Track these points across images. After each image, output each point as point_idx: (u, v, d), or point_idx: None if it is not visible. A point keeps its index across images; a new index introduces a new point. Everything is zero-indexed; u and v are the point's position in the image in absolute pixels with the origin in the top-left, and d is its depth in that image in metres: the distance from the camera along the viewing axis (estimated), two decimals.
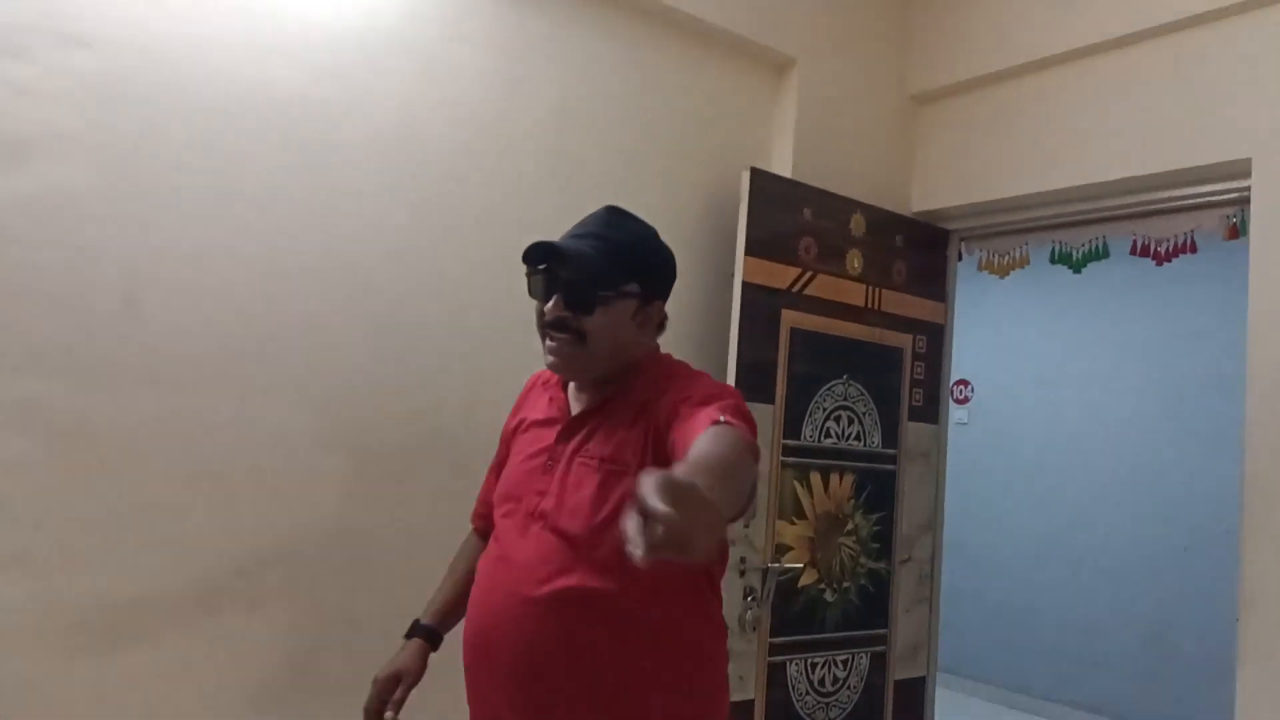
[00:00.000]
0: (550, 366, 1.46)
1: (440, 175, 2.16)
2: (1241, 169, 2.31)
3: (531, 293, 1.44)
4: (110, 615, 1.74)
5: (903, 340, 2.87)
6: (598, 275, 1.39)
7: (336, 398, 2.01)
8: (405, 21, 2.12)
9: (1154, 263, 2.64)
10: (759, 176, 2.52)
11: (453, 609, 1.59)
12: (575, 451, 1.42)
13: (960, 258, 3.08)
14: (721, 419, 1.17)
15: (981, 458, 5.36)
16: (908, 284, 2.88)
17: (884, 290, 2.81)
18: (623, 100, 2.46)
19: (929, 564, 2.91)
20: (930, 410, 2.95)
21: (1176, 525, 4.67)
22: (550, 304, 1.40)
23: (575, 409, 1.48)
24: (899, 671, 2.83)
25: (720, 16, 2.55)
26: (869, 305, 2.77)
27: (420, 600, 1.66)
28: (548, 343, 1.42)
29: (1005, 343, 5.45)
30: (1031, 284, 4.90)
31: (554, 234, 2.25)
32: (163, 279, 1.81)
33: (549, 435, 1.47)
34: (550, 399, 1.53)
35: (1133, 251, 2.68)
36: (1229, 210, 2.46)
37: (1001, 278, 3.04)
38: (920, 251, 2.93)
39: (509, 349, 2.21)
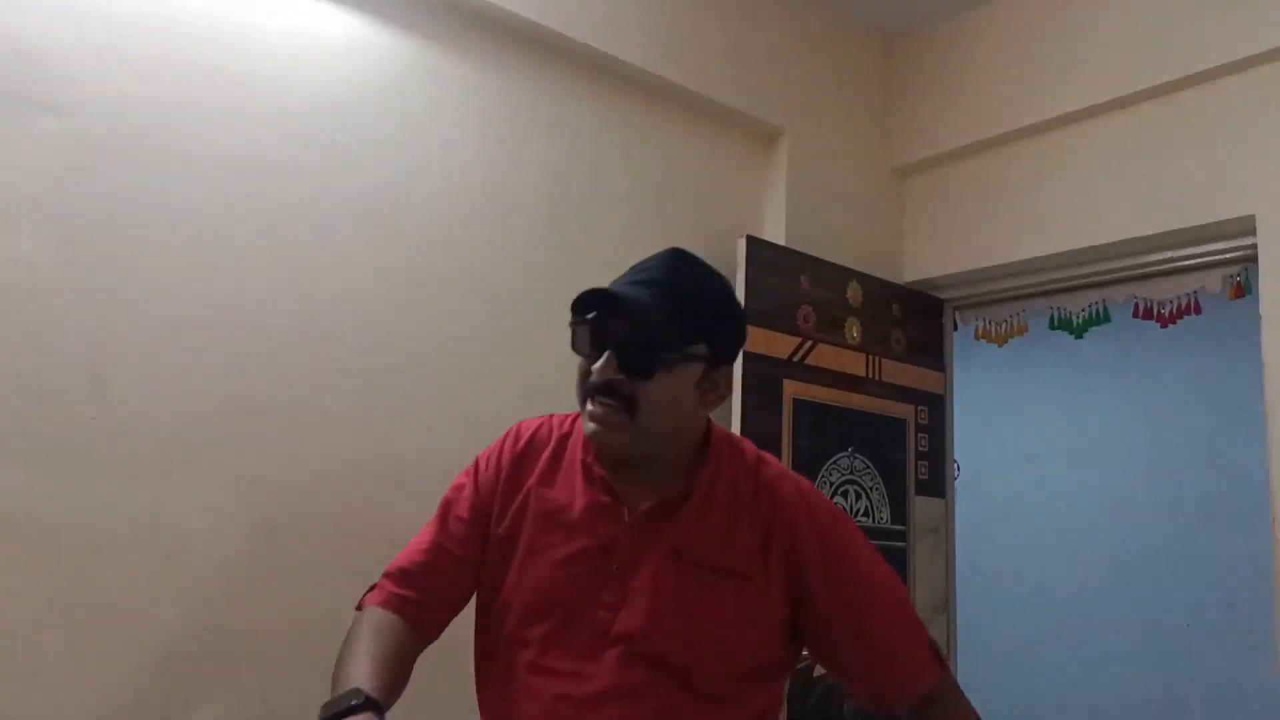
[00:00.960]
0: (591, 435, 1.18)
1: (427, 246, 2.06)
2: (1246, 226, 2.28)
3: (576, 347, 1.19)
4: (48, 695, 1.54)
5: (905, 411, 2.77)
6: (662, 332, 1.14)
7: (316, 483, 1.85)
8: (391, 90, 2.04)
9: (1158, 325, 2.57)
10: (755, 245, 2.45)
11: (393, 691, 1.12)
12: (668, 555, 1.15)
13: (956, 327, 3.02)
14: (939, 680, 1.18)
15: (971, 541, 5.23)
16: (907, 354, 2.81)
17: (884, 360, 2.73)
18: (614, 169, 2.39)
19: (944, 647, 2.76)
20: (936, 484, 2.84)
21: (1175, 603, 4.55)
22: (600, 363, 1.14)
23: (632, 493, 1.19)
24: None
25: (708, 87, 2.52)
26: (870, 375, 2.68)
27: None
28: (590, 408, 1.16)
29: (990, 419, 5.39)
30: (1014, 359, 4.87)
31: (545, 305, 2.19)
32: (130, 357, 1.67)
33: (602, 527, 1.17)
34: (582, 476, 1.22)
35: (1135, 314, 2.62)
36: (1233, 269, 2.42)
37: (1000, 345, 2.97)
38: (916, 320, 2.86)
39: (498, 428, 2.07)
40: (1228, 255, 2.38)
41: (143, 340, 1.68)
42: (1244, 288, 2.41)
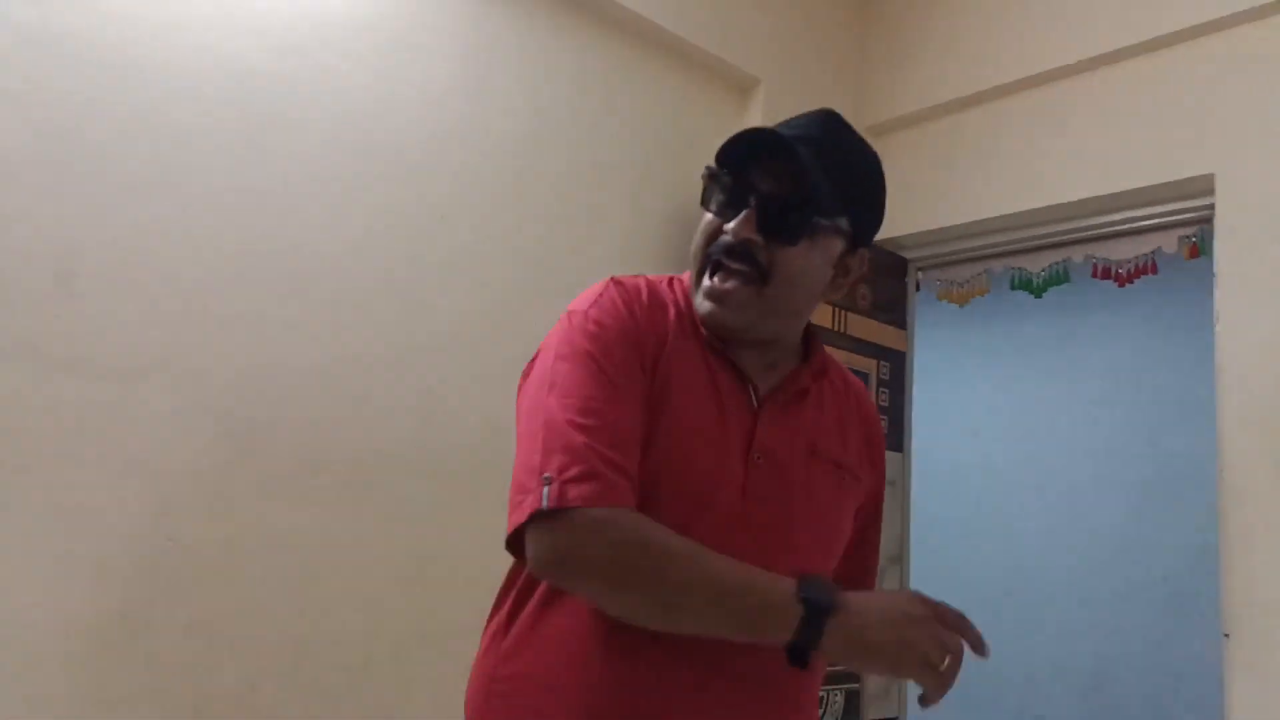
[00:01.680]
0: (705, 318, 1.06)
1: (404, 166, 2.03)
2: (1205, 186, 2.35)
3: (707, 200, 1.06)
4: (23, 635, 1.49)
5: (868, 365, 2.82)
6: (814, 194, 1.02)
7: (285, 395, 1.82)
8: (374, 6, 2.00)
9: (1116, 285, 2.65)
10: None
11: None
12: (806, 450, 1.07)
13: (918, 288, 3.07)
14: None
15: (916, 512, 5.33)
16: (872, 310, 2.85)
17: (849, 314, 2.77)
18: (592, 110, 2.38)
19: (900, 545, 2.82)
20: (895, 438, 2.89)
21: (1110, 575, 4.70)
22: (738, 221, 1.02)
23: (753, 375, 1.08)
24: (872, 711, 2.70)
25: (689, 31, 2.52)
26: (836, 328, 2.72)
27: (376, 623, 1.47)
28: (713, 278, 1.04)
29: (937, 397, 5.49)
30: (966, 339, 4.97)
31: (517, 233, 2.18)
32: (99, 256, 1.62)
33: (736, 410, 1.05)
34: (706, 350, 1.07)
35: (1093, 274, 2.70)
36: (1189, 230, 2.50)
37: (961, 306, 3.02)
38: (882, 278, 2.91)
39: (467, 352, 2.07)
40: (1185, 215, 2.46)
41: (113, 241, 1.63)
42: (1199, 248, 2.49)
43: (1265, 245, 2.19)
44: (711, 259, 1.05)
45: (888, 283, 2.93)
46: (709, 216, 1.07)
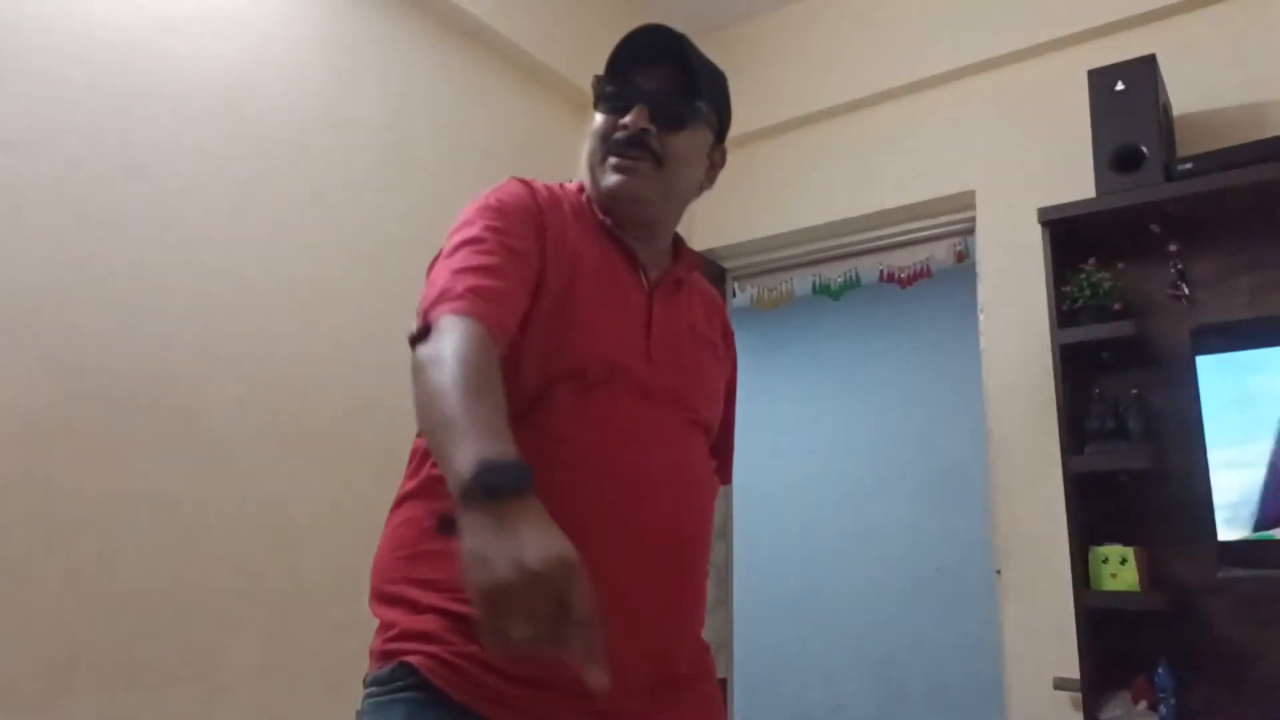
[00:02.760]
0: (614, 190, 1.18)
1: (274, 145, 2.13)
2: (967, 201, 2.83)
3: (601, 103, 1.21)
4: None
5: None
6: (696, 85, 1.19)
7: (154, 353, 1.86)
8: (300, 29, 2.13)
9: (899, 287, 3.09)
10: None
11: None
12: (687, 329, 1.24)
13: (734, 295, 3.42)
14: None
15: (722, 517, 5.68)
16: None
17: None
18: (450, 112, 2.56)
19: (725, 569, 3.09)
20: None
21: (896, 572, 5.22)
22: (633, 114, 1.16)
23: (644, 261, 1.22)
24: None
25: (540, 50, 2.76)
26: None
27: (348, 602, 1.54)
28: (615, 160, 1.18)
29: (744, 423, 5.90)
30: (770, 350, 5.40)
31: (389, 225, 2.32)
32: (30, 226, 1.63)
33: (632, 290, 1.19)
34: (604, 237, 1.20)
35: (880, 279, 3.13)
36: (956, 240, 2.98)
37: (772, 309, 3.39)
38: None
39: (331, 322, 2.17)
40: (953, 227, 2.94)
41: None
42: (963, 254, 2.97)
43: (1015, 248, 2.66)
44: (610, 152, 1.19)
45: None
46: (601, 118, 1.21)
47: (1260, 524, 2.03)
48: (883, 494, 5.27)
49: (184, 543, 1.84)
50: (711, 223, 3.34)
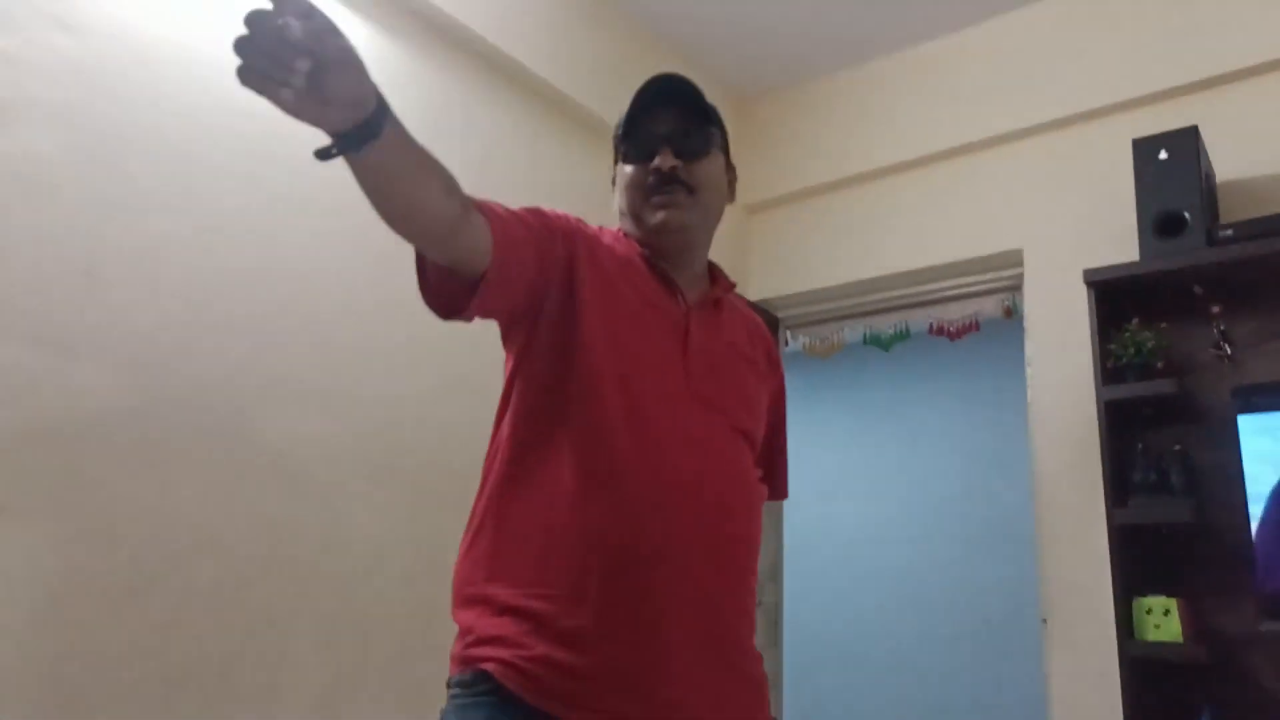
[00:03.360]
0: (662, 225, 1.32)
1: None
2: (1015, 259, 2.95)
3: (628, 156, 1.36)
4: (45, 585, 1.64)
5: None
6: (706, 114, 1.36)
7: (257, 402, 2.04)
8: None
9: (949, 340, 3.20)
10: None
11: (421, 162, 1.06)
12: (727, 344, 1.36)
13: (787, 343, 3.55)
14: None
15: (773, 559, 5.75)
16: None
17: None
18: (493, 164, 2.72)
19: (776, 610, 3.19)
20: None
21: (943, 618, 5.24)
22: (660, 157, 1.31)
23: (682, 287, 1.34)
24: None
25: (594, 103, 2.92)
26: None
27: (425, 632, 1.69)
28: (656, 199, 1.32)
29: (798, 458, 5.98)
30: (821, 397, 5.50)
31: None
32: (121, 258, 1.83)
33: (671, 312, 1.31)
34: (645, 268, 1.33)
35: (930, 332, 3.25)
36: (1004, 295, 3.09)
37: (825, 358, 3.52)
38: None
39: (423, 371, 2.34)
40: (1001, 283, 3.05)
41: (131, 244, 1.84)
42: (1011, 310, 3.07)
43: (1062, 305, 2.77)
44: (650, 194, 1.32)
45: None
46: (630, 169, 1.35)
47: None
48: (931, 541, 5.31)
49: (286, 568, 2.01)
50: (766, 274, 3.49)
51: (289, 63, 0.87)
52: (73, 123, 1.79)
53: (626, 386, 1.22)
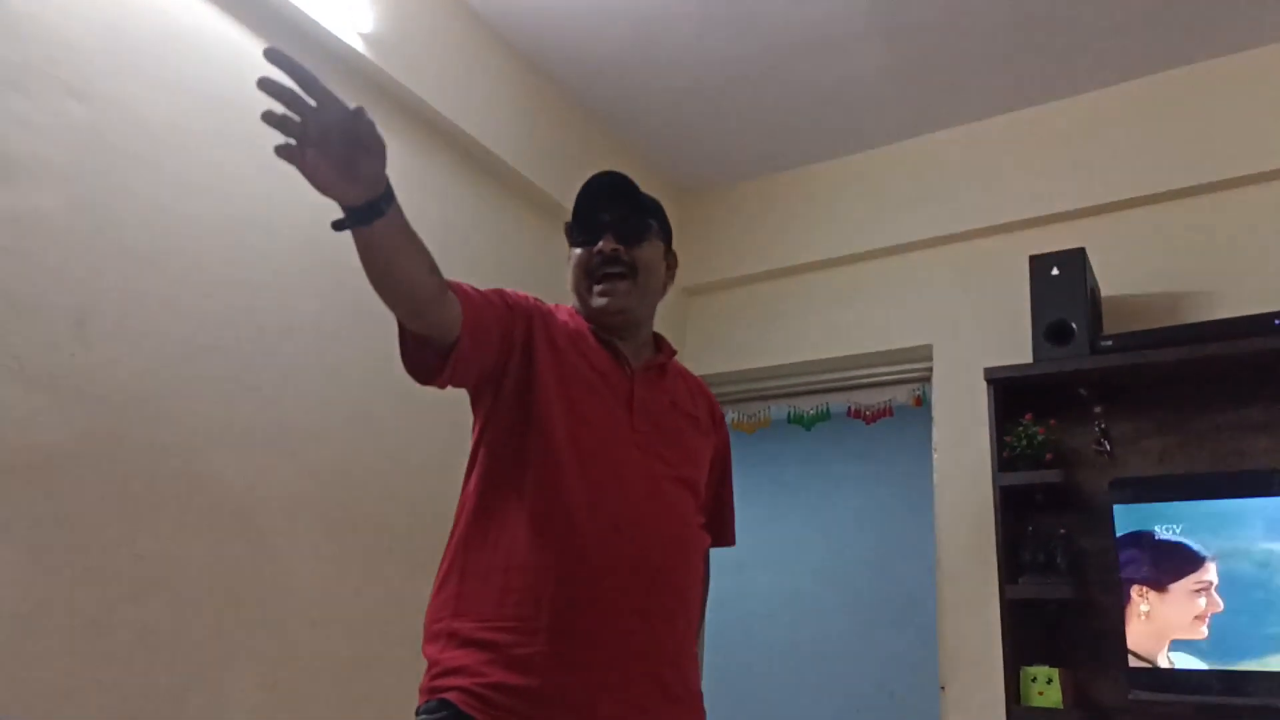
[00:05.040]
0: (601, 310, 1.50)
1: (347, 267, 2.46)
2: (925, 353, 3.24)
3: (576, 241, 1.54)
4: (11, 625, 1.72)
5: None
6: (643, 206, 1.54)
7: (244, 435, 2.16)
8: None
9: (864, 423, 3.47)
10: None
11: (413, 241, 1.26)
12: (669, 407, 1.52)
13: None
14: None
15: None
16: None
17: None
18: (464, 239, 2.92)
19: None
20: None
21: (848, 686, 5.43)
22: (603, 241, 1.49)
23: (630, 358, 1.51)
24: None
25: (553, 188, 3.14)
26: None
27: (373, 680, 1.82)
28: (597, 287, 1.50)
29: None
30: (745, 472, 5.69)
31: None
32: (109, 311, 1.95)
33: (617, 380, 1.48)
34: (594, 341, 1.51)
35: (848, 414, 3.51)
36: (915, 385, 3.37)
37: (750, 434, 3.74)
38: None
39: (387, 429, 2.48)
40: (912, 374, 3.34)
41: (119, 299, 1.97)
42: (920, 399, 3.36)
43: (965, 397, 3.05)
44: (593, 275, 1.51)
45: None
46: (578, 251, 1.54)
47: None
48: (840, 613, 5.52)
49: (231, 610, 2.10)
50: (701, 352, 3.72)
51: (336, 146, 1.13)
52: (75, 182, 1.93)
53: (577, 442, 1.40)
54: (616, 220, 1.52)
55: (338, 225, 1.19)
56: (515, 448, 1.41)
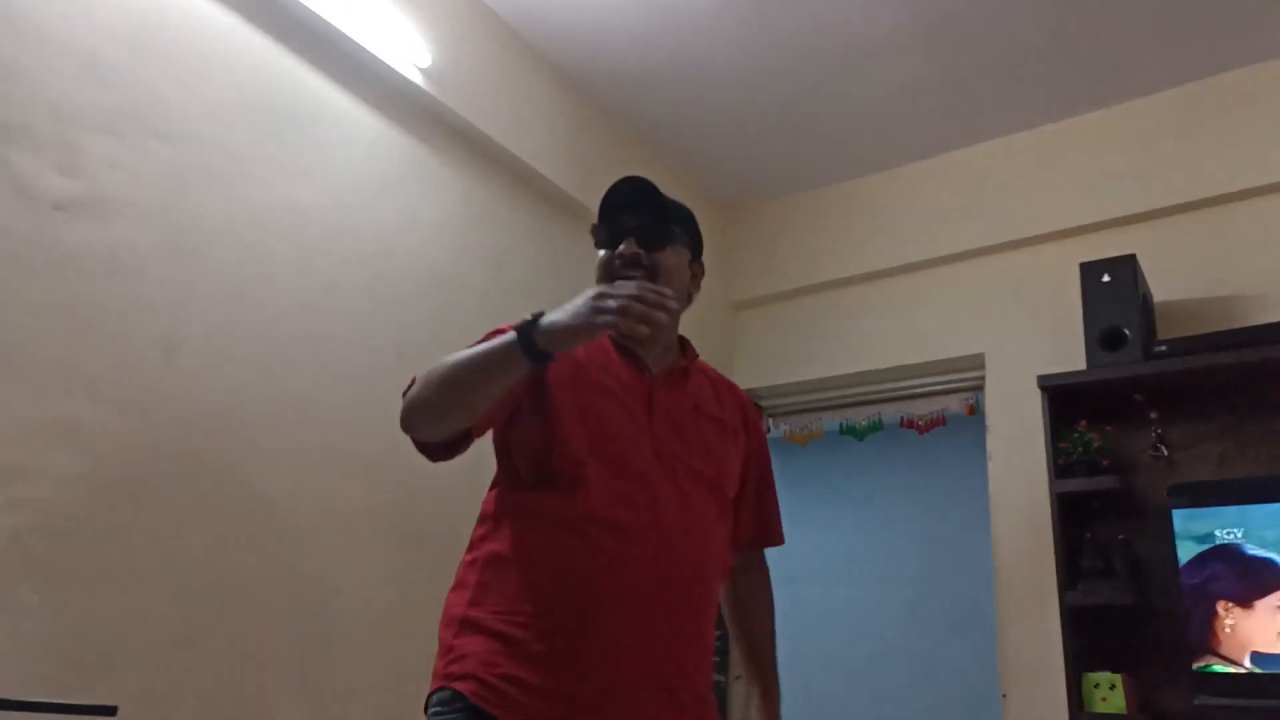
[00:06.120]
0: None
1: (410, 293, 2.58)
2: (977, 362, 3.26)
3: (600, 243, 1.55)
4: (108, 632, 1.82)
5: None
6: (667, 212, 1.54)
7: (318, 455, 2.26)
8: (384, 165, 2.61)
9: (917, 433, 3.48)
10: None
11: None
12: (691, 409, 1.52)
13: (769, 430, 3.81)
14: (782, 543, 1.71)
15: None
16: None
17: None
18: (540, 273, 3.02)
19: None
20: None
21: (909, 698, 5.40)
22: (625, 244, 1.50)
23: (651, 365, 1.52)
24: None
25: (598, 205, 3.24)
26: None
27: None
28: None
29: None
30: (798, 481, 5.72)
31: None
32: (196, 339, 2.07)
33: (636, 386, 1.48)
34: (613, 350, 1.52)
35: (901, 424, 3.53)
36: (968, 394, 3.38)
37: (803, 445, 3.78)
38: None
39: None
40: (965, 383, 3.35)
41: (205, 327, 2.08)
42: (974, 408, 3.37)
43: (1018, 405, 3.06)
44: (613, 277, 1.49)
45: None
46: (602, 253, 1.55)
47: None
48: (897, 624, 5.49)
49: (306, 623, 2.20)
50: (751, 366, 3.77)
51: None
52: (162, 218, 2.05)
53: (596, 448, 1.41)
54: (640, 226, 1.52)
55: (538, 359, 1.29)
56: (535, 451, 1.44)
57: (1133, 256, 2.74)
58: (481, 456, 2.54)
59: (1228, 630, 2.38)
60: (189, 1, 2.17)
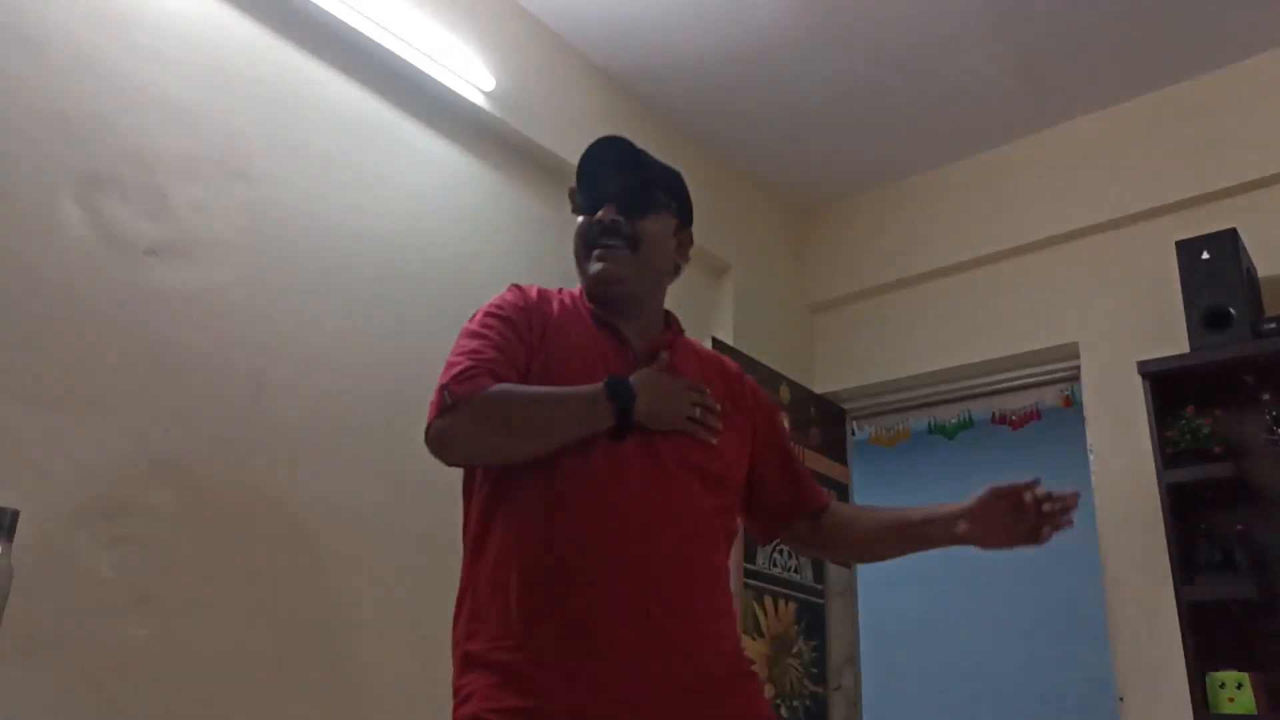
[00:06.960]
0: (599, 275, 1.41)
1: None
2: (1071, 352, 3.13)
3: (577, 209, 1.46)
4: (213, 662, 1.87)
5: None
6: (651, 178, 1.44)
7: (412, 481, 2.29)
8: (456, 189, 2.64)
9: (1010, 429, 3.36)
10: (718, 346, 3.12)
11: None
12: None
13: (854, 433, 3.73)
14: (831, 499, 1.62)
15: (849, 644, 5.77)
16: (820, 448, 3.48)
17: (805, 449, 3.39)
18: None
19: (855, 693, 3.29)
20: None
21: (1015, 705, 5.22)
22: (604, 210, 1.41)
23: (631, 336, 1.43)
24: None
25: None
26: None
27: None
28: (596, 253, 1.41)
29: None
30: (885, 480, 5.60)
31: None
32: (283, 372, 2.11)
33: (617, 361, 1.39)
34: (592, 323, 1.44)
35: (992, 421, 3.41)
36: (1063, 385, 3.26)
37: (889, 448, 3.69)
38: (827, 424, 3.56)
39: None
40: (1059, 374, 3.23)
41: (292, 360, 2.13)
42: (1070, 399, 3.24)
43: (1118, 394, 2.93)
44: (591, 245, 1.42)
45: (831, 428, 3.59)
46: (581, 219, 1.46)
47: None
48: (1000, 627, 5.32)
49: (404, 650, 2.22)
50: (831, 369, 3.70)
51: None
52: (247, 257, 2.11)
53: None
54: (620, 191, 1.43)
55: (620, 432, 1.31)
56: None
57: (1233, 231, 2.60)
58: None
59: None
60: (265, 44, 2.24)
